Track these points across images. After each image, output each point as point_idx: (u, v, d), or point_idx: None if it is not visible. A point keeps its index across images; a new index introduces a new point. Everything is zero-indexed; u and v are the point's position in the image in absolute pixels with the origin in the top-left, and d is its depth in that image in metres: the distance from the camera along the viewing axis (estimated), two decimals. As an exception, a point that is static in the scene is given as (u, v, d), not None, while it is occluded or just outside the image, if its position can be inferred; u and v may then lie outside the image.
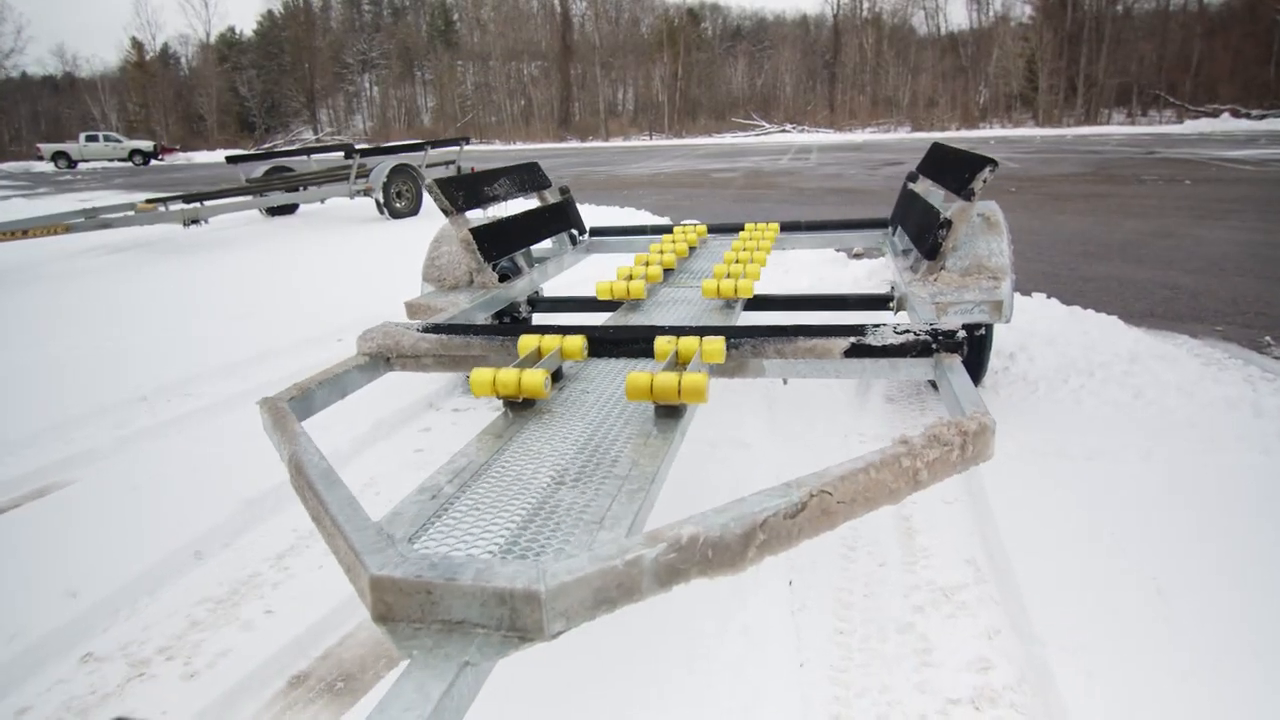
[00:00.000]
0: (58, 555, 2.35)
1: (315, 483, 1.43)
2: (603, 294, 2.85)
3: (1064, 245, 6.80)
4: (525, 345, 2.05)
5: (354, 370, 2.18)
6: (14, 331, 5.09)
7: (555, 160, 26.76)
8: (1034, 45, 47.90)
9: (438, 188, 3.10)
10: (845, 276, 5.44)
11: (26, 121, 60.41)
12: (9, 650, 1.89)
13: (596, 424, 1.74)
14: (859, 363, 2.01)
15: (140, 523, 2.54)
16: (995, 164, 2.74)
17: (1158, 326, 4.21)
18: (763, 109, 56.80)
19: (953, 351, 1.95)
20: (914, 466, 1.43)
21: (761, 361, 2.07)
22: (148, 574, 2.25)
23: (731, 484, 2.53)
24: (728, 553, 1.24)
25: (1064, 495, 2.37)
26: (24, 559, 2.37)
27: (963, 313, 2.67)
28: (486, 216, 3.62)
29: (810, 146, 30.51)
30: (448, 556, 1.16)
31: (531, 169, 4.09)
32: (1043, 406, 3.02)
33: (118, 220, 7.57)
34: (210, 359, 4.21)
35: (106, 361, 4.27)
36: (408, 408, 3.39)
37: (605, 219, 9.03)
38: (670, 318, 2.71)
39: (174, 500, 2.66)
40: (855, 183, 14.00)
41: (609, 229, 4.56)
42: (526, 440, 1.66)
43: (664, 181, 15.86)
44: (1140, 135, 29.39)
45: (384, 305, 4.26)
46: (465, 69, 65.44)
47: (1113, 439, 2.71)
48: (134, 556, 2.30)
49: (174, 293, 6.06)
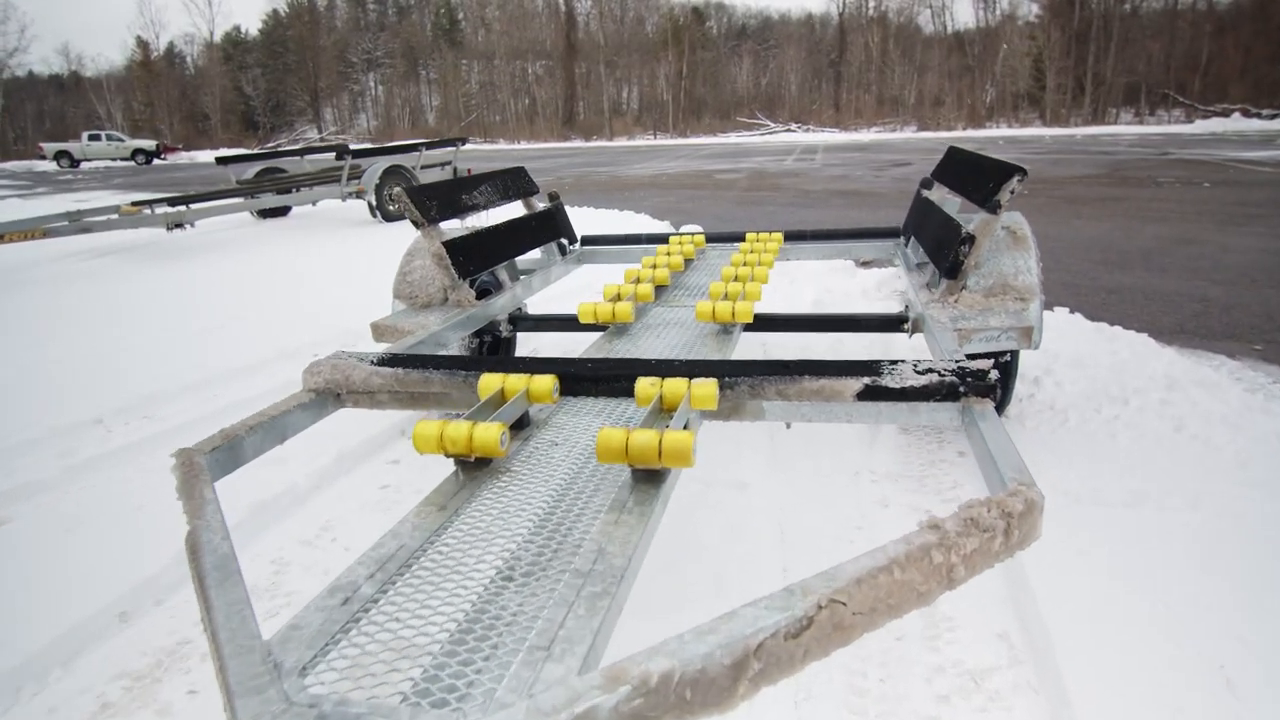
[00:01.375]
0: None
1: (206, 576, 1.16)
2: (585, 317, 2.58)
3: (1082, 253, 6.49)
4: (487, 386, 1.77)
5: (296, 410, 1.90)
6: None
7: (558, 160, 26.49)
8: (1041, 44, 47.47)
9: (407, 197, 2.82)
10: (853, 286, 5.15)
11: (32, 120, 60.34)
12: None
13: (562, 490, 1.46)
14: (873, 406, 1.73)
15: (68, 574, 2.27)
16: (1024, 173, 2.45)
17: (1191, 345, 3.91)
18: (768, 108, 56.45)
19: (984, 396, 1.67)
20: (947, 562, 1.14)
21: (761, 403, 1.79)
22: (65, 639, 1.98)
23: (723, 536, 2.25)
24: (712, 690, 0.94)
25: (1106, 552, 2.08)
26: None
27: (988, 340, 2.38)
28: (464, 227, 3.34)
29: (815, 146, 30.18)
30: (343, 703, 0.88)
31: (517, 174, 3.81)
32: (1074, 441, 2.73)
33: (99, 225, 7.31)
34: (177, 375, 3.95)
35: (67, 377, 4.01)
36: (378, 435, 3.12)
37: (604, 223, 8.76)
38: (660, 346, 2.44)
39: (109, 547, 2.39)
40: (862, 185, 13.70)
41: (601, 238, 4.28)
42: (476, 513, 1.38)
43: (666, 183, 15.57)
44: (1151, 135, 28.99)
45: (366, 316, 4.00)
46: (470, 68, 65.23)
47: (1155, 481, 2.43)
48: (54, 618, 2.04)
49: (149, 301, 5.80)
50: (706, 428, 1.98)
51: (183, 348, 4.48)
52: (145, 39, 63.42)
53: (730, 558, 2.14)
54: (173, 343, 4.59)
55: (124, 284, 6.42)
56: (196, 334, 4.77)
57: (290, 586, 2.18)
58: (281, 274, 6.71)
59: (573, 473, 1.52)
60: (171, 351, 4.39)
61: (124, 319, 5.24)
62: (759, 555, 2.16)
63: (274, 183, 9.76)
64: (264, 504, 2.59)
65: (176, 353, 4.36)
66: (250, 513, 2.54)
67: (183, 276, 6.69)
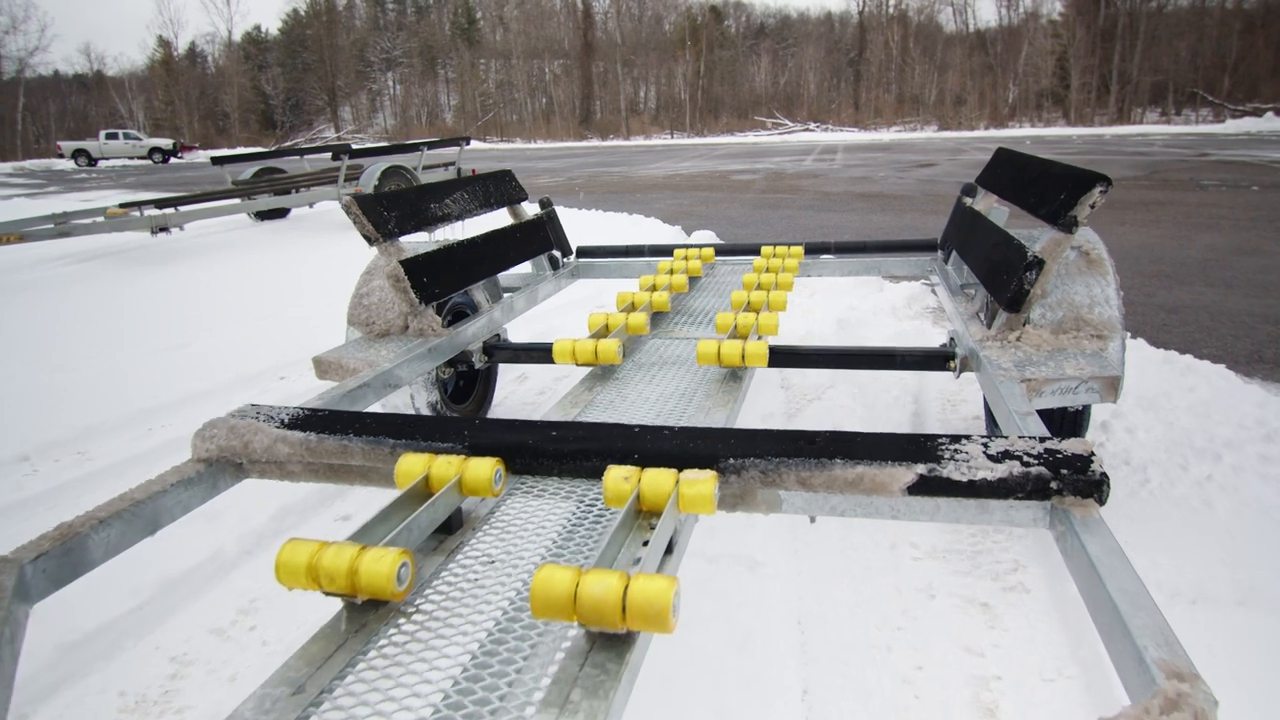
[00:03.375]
0: None
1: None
2: (562, 358, 2.12)
3: (1132, 264, 5.95)
4: (407, 472, 1.33)
5: (177, 488, 1.47)
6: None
7: (571, 160, 26.07)
8: (1066, 42, 46.49)
9: (357, 207, 2.38)
10: (881, 302, 4.66)
11: (55, 119, 60.83)
12: None
13: (484, 653, 1.00)
14: (930, 503, 1.27)
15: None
16: (1109, 183, 1.97)
17: (1275, 377, 3.40)
18: (786, 108, 55.82)
19: (1087, 495, 1.20)
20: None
21: (777, 493, 1.33)
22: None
23: (726, 642, 1.79)
24: None
25: (1225, 672, 1.60)
26: None
27: (1062, 393, 1.90)
28: (434, 241, 2.90)
29: (835, 146, 29.55)
30: None
31: (501, 178, 3.37)
32: (1161, 510, 2.24)
33: (80, 229, 6.95)
34: (127, 402, 3.54)
35: (4, 403, 3.61)
36: (333, 489, 2.68)
37: (610, 229, 8.31)
38: (652, 394, 1.98)
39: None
40: (886, 187, 13.15)
41: (599, 249, 3.83)
42: (348, 696, 0.93)
43: (680, 184, 15.09)
44: (1184, 135, 28.10)
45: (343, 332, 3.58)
46: (487, 67, 65.08)
47: (1272, 567, 1.94)
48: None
49: (117, 312, 5.40)
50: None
51: (140, 368, 4.07)
52: (166, 38, 63.83)
53: (736, 679, 1.68)
54: (131, 362, 4.18)
55: (95, 293, 6.04)
56: (159, 352, 4.37)
57: (184, 699, 1.74)
58: (269, 281, 6.31)
59: (505, 619, 1.07)
60: (127, 373, 3.99)
61: (83, 333, 4.84)
62: (772, 672, 1.69)
63: (271, 183, 9.38)
64: (179, 576, 2.16)
65: (131, 374, 3.96)
66: (159, 588, 2.11)
67: (163, 284, 6.31)
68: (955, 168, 16.74)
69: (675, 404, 1.91)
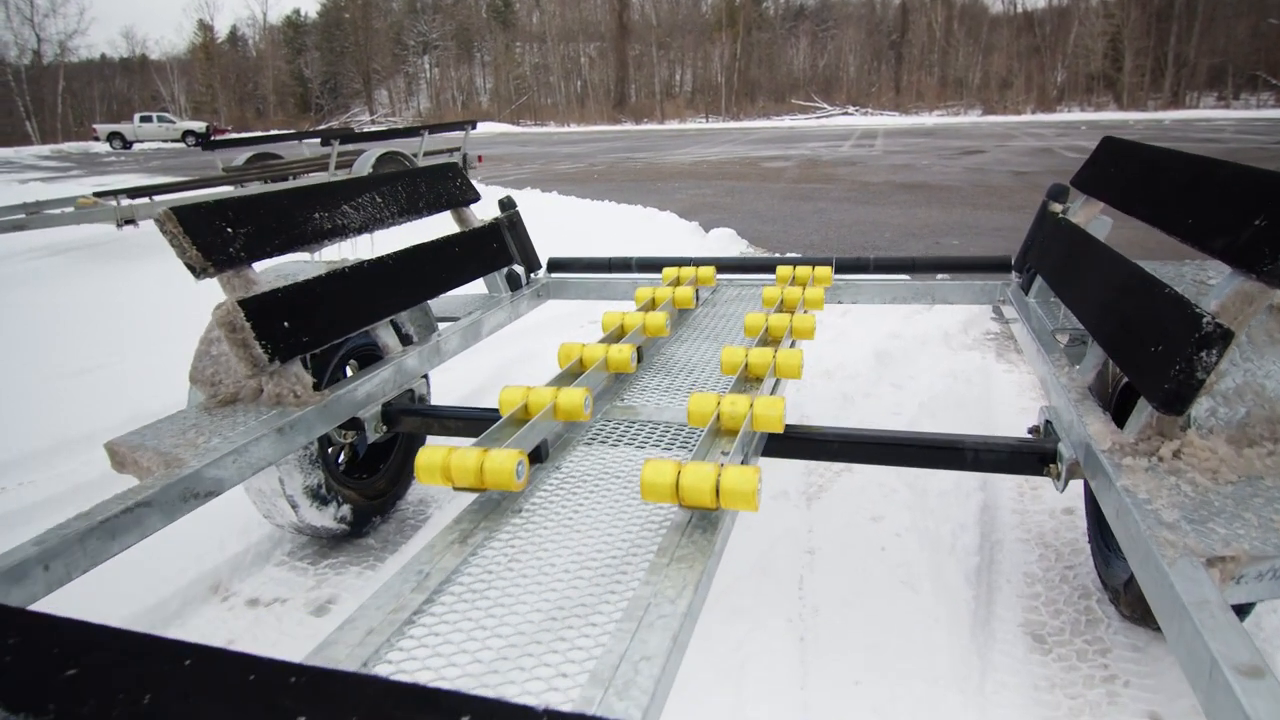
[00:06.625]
0: None
1: None
2: None
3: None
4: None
5: None
6: None
7: (598, 144, 25.22)
8: (1120, 22, 44.24)
9: (175, 222, 1.64)
10: (930, 328, 3.82)
11: (99, 102, 61.48)
12: None
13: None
14: None
15: None
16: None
17: None
18: (824, 91, 54.23)
19: None
20: None
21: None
22: None
23: None
24: None
25: None
26: None
27: (1270, 578, 1.09)
28: (327, 262, 2.15)
29: (875, 131, 28.26)
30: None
31: (442, 173, 2.61)
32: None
33: (37, 221, 6.36)
34: None
35: None
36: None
37: (618, 223, 7.53)
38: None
39: None
40: (931, 176, 12.13)
41: (577, 261, 3.07)
42: None
43: (706, 172, 14.20)
44: (1254, 120, 26.27)
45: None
46: (523, 50, 64.34)
47: None
48: None
49: (51, 321, 4.78)
50: None
51: (38, 397, 3.42)
52: (208, 23, 64.21)
53: None
54: (29, 387, 3.53)
55: (36, 294, 5.44)
56: (70, 375, 3.71)
57: None
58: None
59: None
60: (19, 403, 3.34)
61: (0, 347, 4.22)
62: None
63: (262, 170, 8.75)
64: None
65: (23, 406, 3.31)
66: None
67: (115, 284, 5.68)
68: (1006, 155, 15.57)
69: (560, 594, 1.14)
